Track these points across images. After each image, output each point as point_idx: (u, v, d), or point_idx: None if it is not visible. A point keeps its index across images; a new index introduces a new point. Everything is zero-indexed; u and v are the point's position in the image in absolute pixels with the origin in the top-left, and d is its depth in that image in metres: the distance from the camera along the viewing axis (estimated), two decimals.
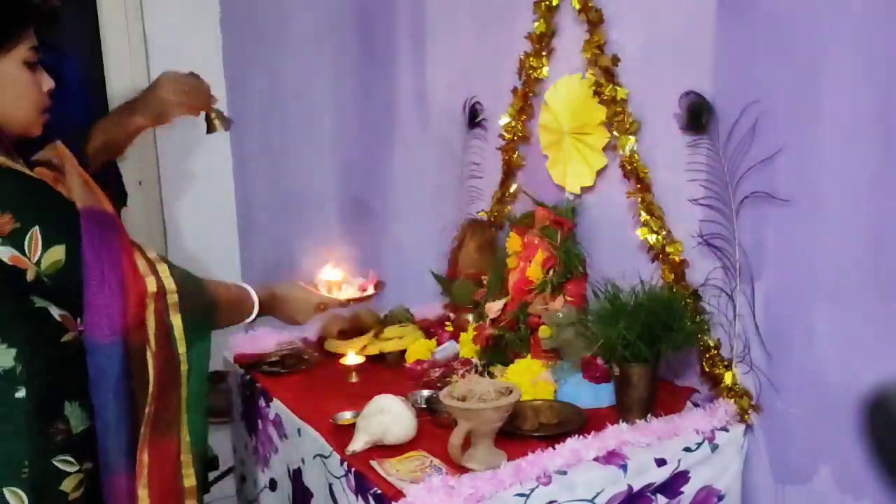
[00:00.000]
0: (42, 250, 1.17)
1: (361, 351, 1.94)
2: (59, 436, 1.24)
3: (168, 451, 1.29)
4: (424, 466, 1.39)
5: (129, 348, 1.23)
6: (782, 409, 1.53)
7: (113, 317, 1.21)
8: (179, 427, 1.30)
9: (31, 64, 1.27)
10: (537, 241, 1.83)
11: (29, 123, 1.28)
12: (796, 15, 1.40)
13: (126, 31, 3.24)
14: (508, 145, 2.07)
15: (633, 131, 1.71)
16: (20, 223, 1.16)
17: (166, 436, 1.28)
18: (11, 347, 1.20)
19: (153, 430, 1.26)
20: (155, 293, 1.24)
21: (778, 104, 1.45)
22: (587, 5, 1.76)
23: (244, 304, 1.50)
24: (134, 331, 1.23)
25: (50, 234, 1.18)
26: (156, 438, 1.27)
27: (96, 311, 1.21)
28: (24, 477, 1.20)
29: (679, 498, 1.47)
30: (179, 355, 1.28)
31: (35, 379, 1.22)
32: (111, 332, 1.21)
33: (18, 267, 1.17)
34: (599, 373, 1.62)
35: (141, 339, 1.24)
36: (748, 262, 1.54)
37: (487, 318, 1.89)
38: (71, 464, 1.25)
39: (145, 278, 1.24)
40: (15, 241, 1.16)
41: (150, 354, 1.24)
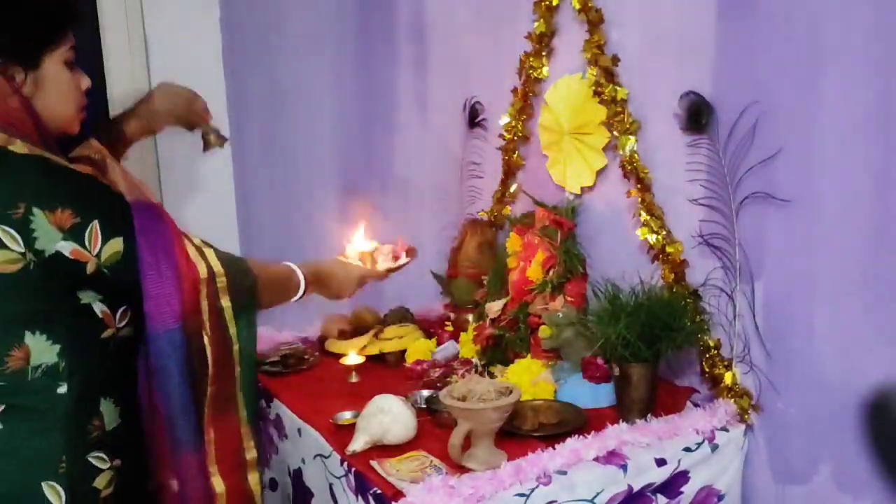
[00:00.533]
0: (102, 243, 1.20)
1: (361, 351, 1.94)
2: (94, 432, 1.25)
3: (231, 427, 1.33)
4: (424, 466, 1.39)
5: (188, 333, 1.26)
6: (782, 409, 1.53)
7: (173, 304, 1.24)
8: (237, 404, 1.34)
9: (70, 63, 1.30)
10: (537, 241, 1.83)
11: (70, 121, 1.32)
12: (796, 15, 1.40)
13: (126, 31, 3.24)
14: (508, 145, 2.07)
15: (633, 131, 1.71)
16: (80, 218, 1.18)
17: (227, 413, 1.32)
18: (56, 344, 1.21)
19: (215, 409, 1.30)
20: (206, 278, 1.28)
21: (778, 104, 1.45)
22: (587, 5, 1.76)
23: (290, 283, 1.51)
24: (191, 316, 1.26)
25: (108, 226, 1.20)
26: (219, 416, 1.31)
27: (157, 300, 1.24)
28: (61, 472, 1.21)
29: (679, 498, 1.47)
30: (231, 336, 1.31)
31: (76, 375, 1.23)
32: (173, 319, 1.25)
33: (79, 261, 1.19)
34: (599, 373, 1.62)
35: (197, 323, 1.27)
36: (748, 262, 1.54)
37: (487, 318, 1.89)
38: (103, 461, 1.26)
39: (197, 265, 1.27)
40: (76, 235, 1.18)
41: (207, 337, 1.28)
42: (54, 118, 1.28)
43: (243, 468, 1.34)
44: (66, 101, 1.30)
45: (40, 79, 1.26)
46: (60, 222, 1.17)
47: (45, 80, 1.26)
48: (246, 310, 1.34)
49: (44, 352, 1.21)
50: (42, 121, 1.26)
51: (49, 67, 1.26)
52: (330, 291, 1.64)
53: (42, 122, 1.26)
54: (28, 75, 1.24)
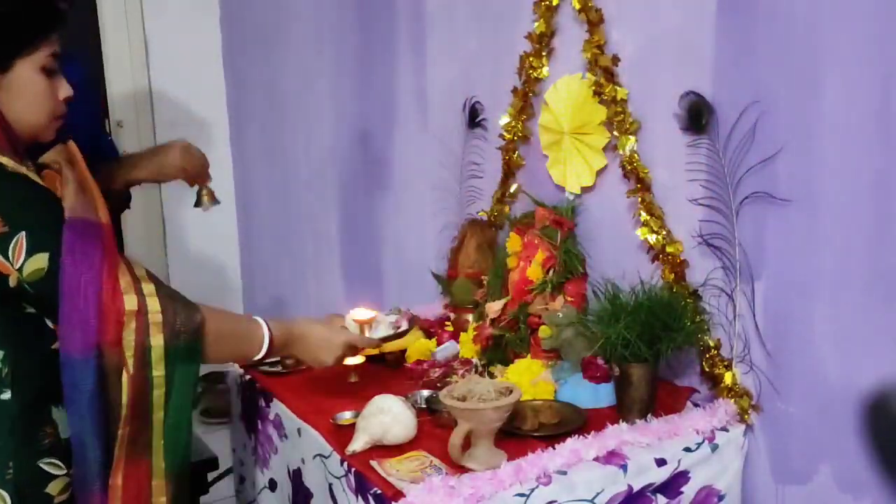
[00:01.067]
0: (25, 257, 1.16)
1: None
2: (46, 439, 1.23)
3: (140, 476, 1.26)
4: (424, 466, 1.39)
5: (104, 366, 1.20)
6: (782, 409, 1.53)
7: (87, 332, 1.18)
8: (152, 452, 1.26)
9: (49, 70, 1.26)
10: (537, 241, 1.83)
11: (38, 129, 1.28)
12: (796, 15, 1.40)
13: (126, 31, 3.24)
14: (508, 145, 2.07)
15: (633, 131, 1.71)
16: (8, 227, 1.15)
17: (140, 460, 1.25)
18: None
19: (127, 454, 1.24)
20: (135, 311, 1.20)
21: (778, 104, 1.45)
22: (587, 5, 1.76)
23: (252, 338, 1.41)
24: (109, 348, 1.19)
25: (36, 240, 1.16)
26: (129, 462, 1.24)
27: (71, 324, 1.18)
28: (8, 477, 1.20)
29: (679, 498, 1.47)
30: (154, 378, 1.23)
31: (21, 382, 1.21)
32: (84, 347, 1.18)
33: (1, 272, 1.16)
34: (599, 373, 1.62)
35: (117, 358, 1.20)
36: (748, 262, 1.54)
37: (487, 318, 1.89)
38: (58, 467, 1.24)
39: (125, 296, 1.20)
40: (0, 245, 1.15)
41: (126, 376, 1.21)
42: (21, 124, 1.25)
43: None
44: (36, 108, 1.26)
45: (9, 83, 1.23)
46: None
47: (14, 84, 1.23)
48: (184, 354, 1.26)
49: None
50: (9, 125, 1.23)
51: (21, 72, 1.23)
52: (306, 355, 1.53)
53: (9, 126, 1.23)
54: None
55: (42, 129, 1.29)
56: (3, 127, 1.22)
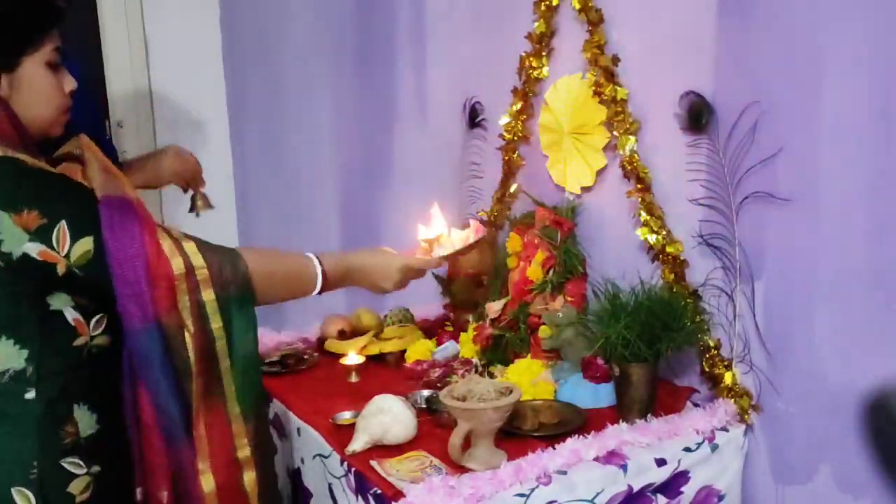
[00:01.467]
0: (71, 243, 1.18)
1: (361, 351, 1.94)
2: (67, 438, 1.24)
3: (220, 423, 1.30)
4: (424, 466, 1.39)
5: (166, 331, 1.23)
6: (782, 409, 1.53)
7: (143, 303, 1.21)
8: (226, 399, 1.30)
9: (54, 65, 1.28)
10: (537, 241, 1.83)
11: (50, 124, 1.29)
12: (796, 15, 1.40)
13: (126, 31, 3.24)
14: (508, 145, 2.07)
15: (633, 131, 1.71)
16: (47, 218, 1.16)
17: (215, 408, 1.29)
18: (24, 349, 1.21)
19: (204, 405, 1.28)
20: (184, 273, 1.24)
21: (778, 104, 1.45)
22: (587, 5, 1.76)
23: (303, 275, 1.41)
24: (167, 314, 1.23)
25: (77, 226, 1.18)
26: (208, 412, 1.28)
27: (126, 298, 1.21)
28: (32, 477, 1.21)
29: (679, 498, 1.47)
30: (214, 330, 1.27)
31: (45, 381, 1.22)
32: (144, 317, 1.22)
33: (48, 262, 1.17)
34: (599, 373, 1.62)
35: (177, 319, 1.24)
36: (748, 262, 1.54)
37: (487, 318, 1.89)
38: (79, 466, 1.24)
39: (171, 260, 1.23)
40: (43, 236, 1.16)
41: (189, 334, 1.25)
42: (33, 120, 1.26)
43: (237, 466, 1.31)
44: (45, 103, 1.27)
45: (18, 81, 1.24)
46: (26, 224, 1.15)
47: (23, 82, 1.24)
48: (237, 302, 1.29)
49: (11, 356, 1.20)
50: (21, 124, 1.24)
51: (28, 69, 1.24)
52: (363, 284, 1.53)
53: (21, 124, 1.24)
54: (4, 77, 1.22)
55: (52, 124, 1.30)
56: (15, 125, 1.24)
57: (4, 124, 1.22)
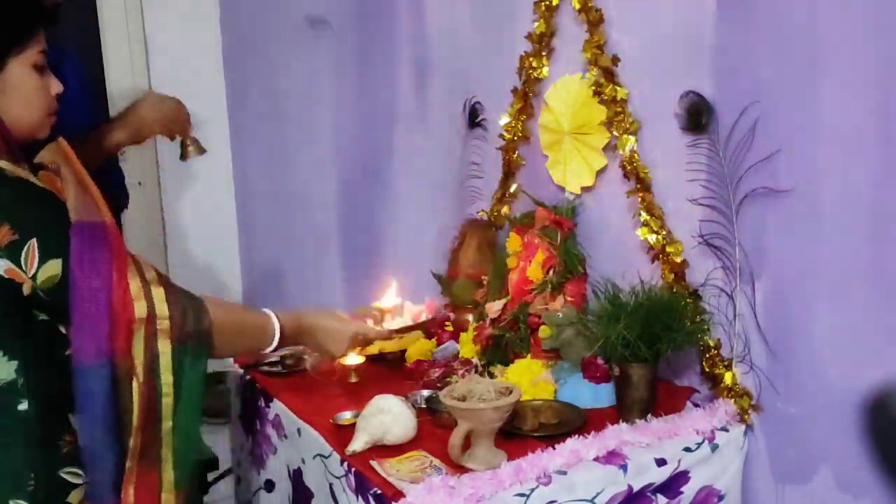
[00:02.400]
0: (39, 264, 1.14)
1: (361, 351, 1.94)
2: (65, 447, 1.22)
3: (151, 489, 1.24)
4: (424, 466, 1.39)
5: (116, 373, 1.19)
6: (782, 409, 1.53)
7: (99, 339, 1.17)
8: (161, 464, 1.25)
9: (40, 67, 1.26)
10: (537, 241, 1.83)
11: (36, 127, 1.28)
12: (796, 15, 1.40)
13: (126, 31, 3.24)
14: (508, 145, 2.07)
15: (633, 131, 1.71)
16: (18, 235, 1.13)
17: (150, 472, 1.24)
18: (12, 360, 1.18)
19: (139, 465, 1.23)
20: (144, 318, 1.19)
21: (778, 104, 1.45)
22: (587, 5, 1.76)
23: (262, 332, 1.42)
24: (121, 356, 1.18)
25: (48, 247, 1.15)
26: (140, 474, 1.23)
27: (83, 331, 1.17)
28: (30, 489, 1.19)
29: (679, 498, 1.47)
30: (163, 386, 1.22)
31: (38, 391, 1.20)
32: (97, 353, 1.17)
33: (14, 281, 1.14)
34: (599, 373, 1.62)
35: (128, 366, 1.19)
36: (748, 262, 1.54)
37: (487, 318, 1.89)
38: (78, 476, 1.23)
39: (135, 302, 1.19)
40: (12, 253, 1.13)
41: (136, 384, 1.20)
42: (19, 124, 1.24)
43: None
44: (31, 106, 1.25)
45: (3, 83, 1.22)
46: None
47: (8, 84, 1.22)
48: (192, 359, 1.25)
49: (0, 368, 1.17)
50: (6, 126, 1.22)
51: (14, 71, 1.22)
52: (316, 346, 1.55)
53: (5, 127, 1.22)
54: None
55: (38, 127, 1.28)
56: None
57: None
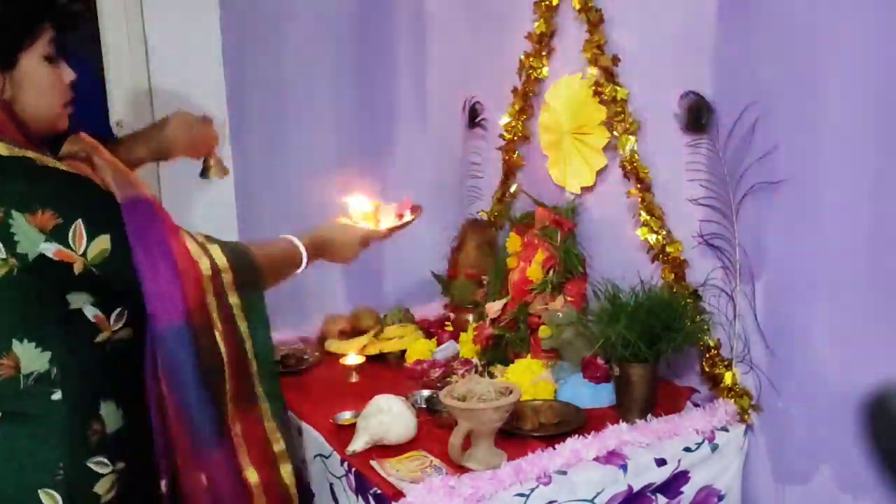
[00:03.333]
0: (87, 241, 1.17)
1: (361, 351, 1.94)
2: (94, 436, 1.23)
3: (255, 422, 1.32)
4: (424, 466, 1.39)
5: (196, 330, 1.24)
6: (782, 409, 1.53)
7: (174, 302, 1.22)
8: (258, 398, 1.32)
9: (51, 58, 1.25)
10: (537, 241, 1.83)
11: (54, 119, 1.28)
12: (796, 15, 1.40)
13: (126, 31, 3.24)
14: (508, 145, 2.07)
15: (633, 131, 1.71)
16: (62, 218, 1.15)
17: (250, 408, 1.31)
18: (46, 351, 1.19)
19: (238, 405, 1.29)
20: (210, 275, 1.25)
21: (778, 104, 1.45)
22: (587, 5, 1.76)
23: (292, 258, 1.47)
24: (197, 313, 1.24)
25: (93, 224, 1.17)
26: (242, 412, 1.30)
27: (157, 299, 1.21)
28: (58, 479, 1.20)
29: (679, 498, 1.47)
30: (242, 333, 1.30)
31: (70, 381, 1.21)
32: (175, 316, 1.22)
33: (65, 262, 1.16)
34: (599, 373, 1.62)
35: (206, 319, 1.25)
36: (748, 262, 1.54)
37: (487, 318, 1.89)
38: (105, 465, 1.24)
39: (199, 261, 1.24)
40: (59, 236, 1.15)
41: (219, 334, 1.26)
42: (38, 117, 1.24)
43: (274, 461, 1.33)
44: (48, 98, 1.25)
45: (19, 79, 1.22)
46: (41, 224, 1.14)
47: (24, 79, 1.22)
48: (256, 305, 1.32)
49: (34, 360, 1.19)
50: (25, 122, 1.23)
51: (27, 66, 1.22)
52: (333, 257, 1.61)
53: (25, 123, 1.22)
54: (6, 77, 1.20)
55: (56, 118, 1.28)
56: (18, 124, 1.22)
57: (8, 125, 1.20)
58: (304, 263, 1.48)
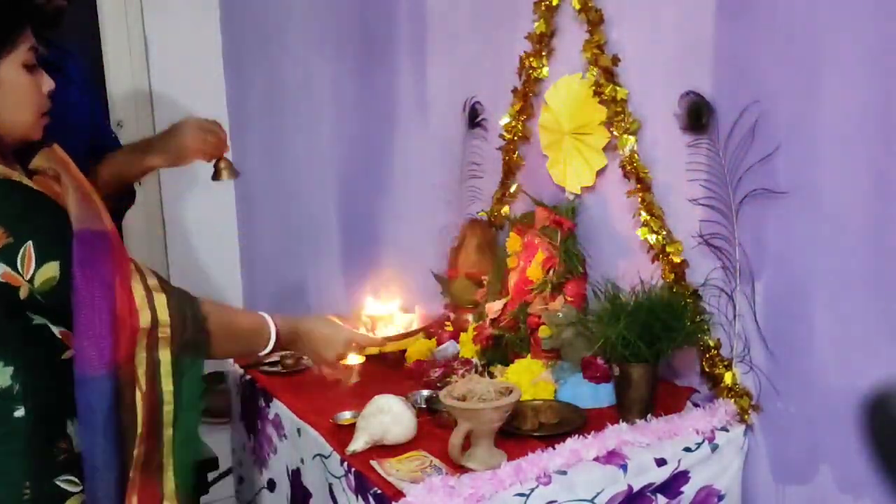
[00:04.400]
0: (36, 267, 1.13)
1: (361, 351, 1.94)
2: (61, 455, 1.21)
3: (154, 498, 1.24)
4: (424, 466, 1.39)
5: (119, 384, 1.18)
6: (782, 409, 1.53)
7: (103, 350, 1.16)
8: (163, 472, 1.25)
9: (30, 66, 1.23)
10: (537, 241, 1.83)
11: (29, 128, 1.25)
12: (796, 15, 1.40)
13: (126, 31, 3.24)
14: (508, 145, 2.07)
15: (633, 131, 1.71)
16: (13, 238, 1.11)
17: (153, 481, 1.23)
18: (7, 366, 1.17)
19: (142, 475, 1.22)
20: (148, 328, 1.19)
21: (778, 104, 1.45)
22: (587, 5, 1.76)
23: (258, 335, 1.41)
24: (124, 366, 1.17)
25: (44, 249, 1.13)
26: (144, 483, 1.22)
27: (86, 341, 1.15)
28: (25, 498, 1.17)
29: (679, 498, 1.47)
30: (164, 394, 1.22)
31: (34, 397, 1.18)
32: (101, 364, 1.16)
33: (11, 285, 1.13)
34: (599, 373, 1.62)
35: (131, 375, 1.18)
36: (748, 262, 1.54)
37: (487, 318, 1.89)
38: (74, 483, 1.22)
39: (140, 312, 1.18)
40: (7, 256, 1.12)
41: (140, 393, 1.19)
42: (12, 126, 1.21)
43: None
44: (24, 107, 1.22)
45: None
46: None
47: (1, 87, 1.19)
48: (191, 366, 1.25)
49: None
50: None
51: (5, 73, 1.19)
52: (310, 351, 1.54)
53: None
54: None
55: (31, 128, 1.25)
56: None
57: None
58: (270, 345, 1.42)
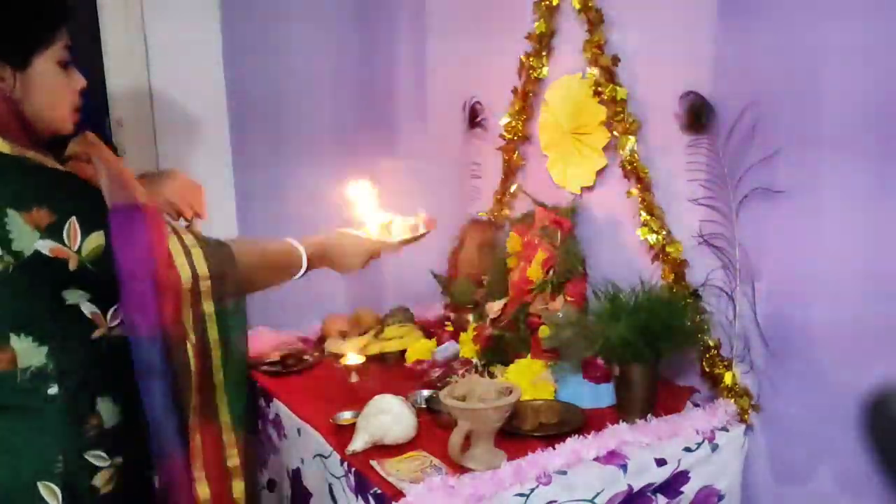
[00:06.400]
0: (82, 238, 1.18)
1: (361, 351, 1.94)
2: (91, 431, 1.24)
3: (213, 434, 1.31)
4: (424, 466, 1.39)
5: (169, 342, 1.24)
6: (782, 409, 1.53)
7: (149, 314, 1.22)
8: (219, 411, 1.32)
9: (64, 63, 1.27)
10: (537, 241, 1.83)
11: (62, 123, 1.29)
12: (796, 15, 1.40)
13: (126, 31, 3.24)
14: (508, 145, 2.07)
15: (633, 131, 1.71)
16: (57, 215, 1.16)
17: (210, 420, 1.31)
18: (43, 345, 1.21)
19: (201, 418, 1.29)
20: (189, 286, 1.25)
21: (778, 104, 1.45)
22: (587, 5, 1.76)
23: (290, 261, 1.46)
24: (172, 325, 1.24)
25: (87, 221, 1.18)
26: (203, 424, 1.30)
27: (132, 308, 1.21)
28: (57, 471, 1.21)
29: (679, 498, 1.47)
30: (212, 342, 1.29)
31: (67, 375, 1.22)
32: (149, 328, 1.22)
33: (60, 258, 1.17)
34: (599, 373, 1.62)
35: (179, 332, 1.25)
36: (748, 261, 1.54)
37: (487, 318, 1.89)
38: (103, 458, 1.25)
39: (180, 269, 1.24)
40: (53, 233, 1.16)
41: (191, 346, 1.26)
42: (45, 120, 1.26)
43: (228, 475, 1.32)
44: (57, 102, 1.27)
45: (30, 80, 1.23)
46: (37, 221, 1.15)
47: (35, 81, 1.23)
48: (234, 310, 1.31)
49: (31, 354, 1.20)
50: (31, 123, 1.24)
51: (40, 68, 1.23)
52: (336, 265, 1.58)
53: (30, 124, 1.24)
54: (17, 76, 1.21)
55: (63, 122, 1.29)
56: (22, 124, 1.23)
57: (13, 123, 1.22)
58: (303, 267, 1.47)
